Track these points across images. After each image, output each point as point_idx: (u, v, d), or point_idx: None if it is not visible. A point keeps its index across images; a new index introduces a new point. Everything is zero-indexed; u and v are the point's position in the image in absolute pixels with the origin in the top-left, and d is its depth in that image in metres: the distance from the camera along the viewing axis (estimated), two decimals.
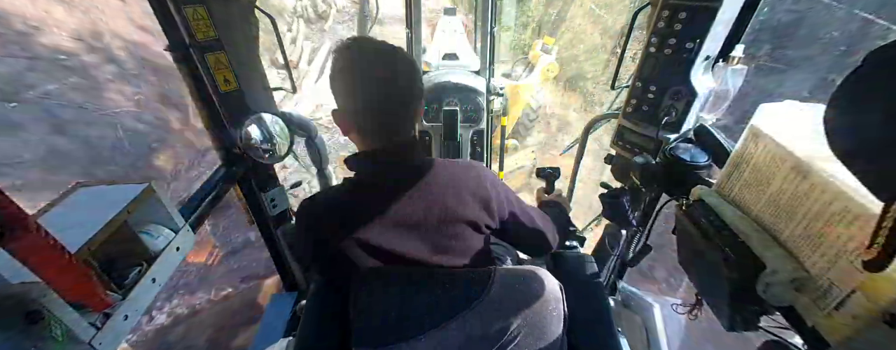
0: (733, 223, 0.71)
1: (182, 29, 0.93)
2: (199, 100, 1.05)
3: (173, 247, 0.82)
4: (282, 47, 1.22)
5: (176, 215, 0.85)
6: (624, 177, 1.28)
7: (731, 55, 0.95)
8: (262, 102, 1.17)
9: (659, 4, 0.94)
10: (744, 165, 0.73)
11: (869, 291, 0.49)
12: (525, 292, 0.62)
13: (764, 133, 0.68)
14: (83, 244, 0.62)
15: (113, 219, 0.68)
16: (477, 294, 0.61)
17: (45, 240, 0.49)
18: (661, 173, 0.99)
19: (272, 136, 1.19)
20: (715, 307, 0.78)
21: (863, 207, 0.50)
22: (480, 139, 1.90)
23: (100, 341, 0.60)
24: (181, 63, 0.98)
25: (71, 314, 0.55)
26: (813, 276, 0.58)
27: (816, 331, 0.58)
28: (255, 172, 1.26)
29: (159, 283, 0.76)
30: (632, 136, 1.14)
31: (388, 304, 0.62)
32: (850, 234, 0.52)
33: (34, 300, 0.50)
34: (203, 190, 1.04)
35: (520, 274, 0.65)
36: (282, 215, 1.41)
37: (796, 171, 0.60)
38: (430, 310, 0.61)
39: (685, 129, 1.02)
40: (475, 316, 0.61)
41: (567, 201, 1.24)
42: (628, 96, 1.10)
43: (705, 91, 0.96)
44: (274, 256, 1.49)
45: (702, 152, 0.96)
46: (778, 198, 0.64)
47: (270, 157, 1.20)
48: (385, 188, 0.73)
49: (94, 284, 0.59)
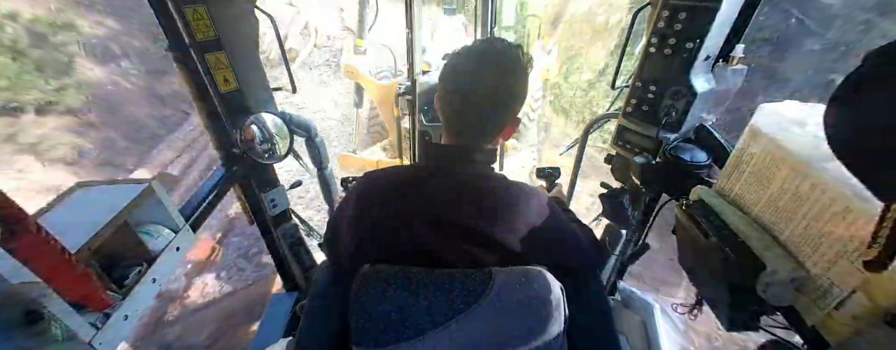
0: (733, 223, 0.71)
1: (182, 29, 0.93)
2: (199, 100, 1.05)
3: (173, 247, 0.82)
4: (282, 47, 1.22)
5: (176, 215, 0.85)
6: (624, 177, 1.28)
7: (731, 55, 0.95)
8: (262, 102, 1.17)
9: (659, 4, 0.94)
10: (744, 165, 0.73)
11: (869, 291, 0.49)
12: (526, 292, 0.62)
13: (764, 133, 0.68)
14: (83, 244, 0.62)
15: (113, 219, 0.68)
16: (477, 294, 0.61)
17: (45, 240, 0.49)
18: (661, 173, 0.99)
19: (272, 136, 1.19)
20: (715, 307, 0.78)
21: (863, 207, 0.50)
22: None
23: (100, 341, 0.60)
24: (181, 63, 0.98)
25: (71, 314, 0.55)
26: (813, 276, 0.58)
27: (816, 331, 0.59)
28: (255, 172, 1.26)
29: (159, 283, 0.77)
30: (632, 136, 1.14)
31: (389, 304, 0.62)
32: (850, 234, 0.52)
33: (34, 300, 0.50)
34: (203, 190, 1.04)
35: (520, 274, 0.65)
36: (282, 215, 1.41)
37: (796, 171, 0.60)
38: (431, 310, 0.61)
39: (685, 129, 1.01)
40: (476, 316, 0.61)
41: (567, 201, 1.24)
42: (628, 96, 1.10)
43: (705, 91, 0.96)
44: (274, 256, 1.49)
45: (702, 152, 0.96)
46: (778, 198, 0.64)
47: (270, 157, 1.20)
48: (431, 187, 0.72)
49: (94, 284, 0.59)
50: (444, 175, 0.73)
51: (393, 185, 0.75)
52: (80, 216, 0.69)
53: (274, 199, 1.35)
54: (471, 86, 0.70)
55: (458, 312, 0.61)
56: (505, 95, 0.72)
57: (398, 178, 0.77)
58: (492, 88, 0.70)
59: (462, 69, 0.71)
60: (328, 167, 1.55)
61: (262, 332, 1.44)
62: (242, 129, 1.10)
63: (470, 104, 0.71)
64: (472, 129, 0.74)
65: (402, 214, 0.72)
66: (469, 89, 0.70)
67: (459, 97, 0.71)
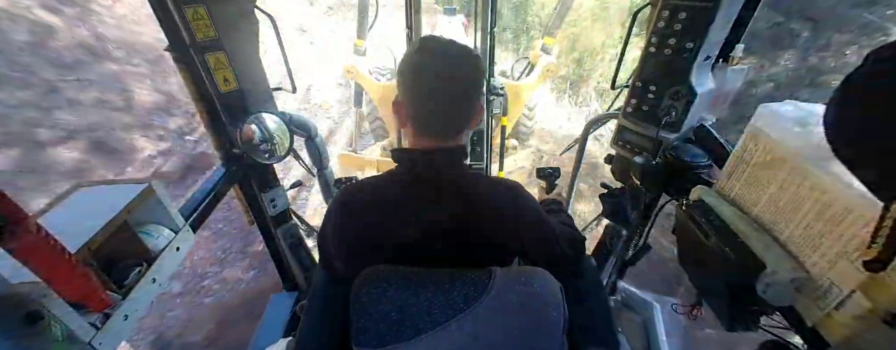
0: (733, 223, 0.71)
1: (182, 29, 0.93)
2: (198, 100, 1.05)
3: (173, 247, 0.82)
4: (282, 47, 1.22)
5: (176, 215, 0.85)
6: (624, 177, 1.28)
7: (731, 55, 0.95)
8: (262, 102, 1.17)
9: (659, 4, 0.94)
10: (744, 165, 0.73)
11: (869, 291, 0.49)
12: (526, 293, 0.62)
13: (764, 133, 0.68)
14: (83, 244, 0.62)
15: (113, 219, 0.68)
16: (478, 294, 0.61)
17: (45, 240, 0.49)
18: (661, 173, 0.99)
19: (272, 136, 1.19)
20: (715, 307, 0.78)
21: (863, 207, 0.50)
22: (480, 139, 1.90)
23: (100, 341, 0.60)
24: (181, 63, 0.98)
25: (71, 314, 0.55)
26: (813, 276, 0.58)
27: (816, 331, 0.59)
28: (255, 172, 1.26)
29: (159, 283, 0.76)
30: (632, 136, 1.14)
31: (389, 304, 0.62)
32: (850, 234, 0.52)
33: (34, 300, 0.50)
34: (203, 190, 1.04)
35: (520, 274, 0.65)
36: (282, 215, 1.41)
37: (796, 171, 0.60)
38: (431, 309, 0.61)
39: (685, 129, 1.02)
40: (476, 316, 0.61)
41: (566, 201, 1.24)
42: (628, 96, 1.10)
43: (705, 91, 0.96)
44: (274, 256, 1.49)
45: (702, 152, 0.96)
46: (778, 198, 0.64)
47: (270, 157, 1.20)
48: (415, 191, 0.72)
49: (94, 284, 0.59)
50: (427, 180, 0.72)
51: (373, 200, 0.75)
52: (80, 216, 0.69)
53: (274, 199, 1.35)
54: (438, 84, 0.69)
55: (459, 312, 0.61)
56: (470, 88, 0.72)
57: (378, 192, 0.76)
58: (459, 83, 0.70)
59: (426, 69, 0.69)
60: (328, 167, 1.55)
61: (262, 331, 1.44)
62: (242, 129, 1.10)
63: (440, 102, 0.70)
64: (446, 128, 0.73)
65: (386, 228, 0.72)
66: (437, 87, 0.69)
67: (429, 97, 0.70)
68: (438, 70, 0.69)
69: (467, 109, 0.73)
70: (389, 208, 0.73)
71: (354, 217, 0.76)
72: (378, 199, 0.75)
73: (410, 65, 0.70)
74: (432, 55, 0.69)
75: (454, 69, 0.69)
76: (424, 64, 0.69)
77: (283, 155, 1.24)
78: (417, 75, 0.70)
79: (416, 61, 0.70)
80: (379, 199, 0.74)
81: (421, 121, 0.73)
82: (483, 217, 0.71)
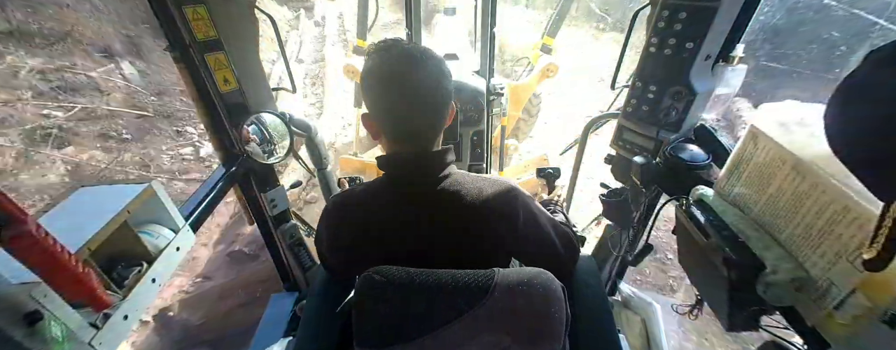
0: (733, 223, 0.71)
1: (182, 29, 0.93)
2: (199, 100, 1.05)
3: (173, 247, 0.82)
4: (282, 47, 1.22)
5: (176, 215, 0.85)
6: (624, 177, 1.28)
7: (731, 55, 0.95)
8: (262, 102, 1.17)
9: (659, 4, 0.94)
10: (744, 165, 0.73)
11: (869, 291, 0.49)
12: (527, 293, 0.62)
13: (764, 133, 0.68)
14: (83, 244, 0.62)
15: (113, 219, 0.68)
16: (479, 295, 0.61)
17: (45, 240, 0.49)
18: (662, 173, 0.99)
19: (272, 136, 1.19)
20: (715, 307, 0.78)
21: (863, 207, 0.50)
22: (480, 139, 1.90)
23: (100, 341, 0.60)
24: (181, 63, 0.98)
25: (71, 314, 0.55)
26: (813, 276, 0.58)
27: (816, 331, 0.58)
28: (255, 172, 1.26)
29: (159, 283, 0.76)
30: (632, 136, 1.14)
31: (391, 304, 0.62)
32: (850, 234, 0.52)
33: (34, 300, 0.50)
34: (203, 190, 1.04)
35: (522, 275, 0.65)
36: (282, 215, 1.41)
37: (796, 171, 0.60)
38: (433, 310, 0.61)
39: (685, 129, 1.02)
40: (478, 317, 0.61)
41: (566, 201, 1.24)
42: (628, 96, 1.10)
43: (705, 91, 0.96)
44: (274, 256, 1.49)
45: (702, 152, 0.96)
46: (778, 198, 0.64)
47: (270, 157, 1.20)
48: (406, 198, 0.72)
49: (94, 284, 0.59)
50: (417, 185, 0.72)
51: (365, 210, 0.74)
52: (80, 216, 0.69)
53: (274, 199, 1.35)
54: (410, 88, 0.68)
55: (460, 313, 0.61)
56: (443, 90, 0.71)
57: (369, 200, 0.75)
58: (432, 86, 0.69)
59: (396, 74, 0.67)
60: (328, 167, 1.55)
61: (262, 331, 1.44)
62: (242, 129, 1.10)
63: (416, 107, 0.69)
64: (426, 131, 0.72)
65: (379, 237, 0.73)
66: (410, 92, 0.68)
67: (403, 102, 0.68)
68: (401, 75, 0.67)
69: (440, 112, 0.72)
70: (381, 216, 0.73)
71: (347, 229, 0.76)
72: (369, 209, 0.74)
73: (371, 75, 0.68)
74: (391, 62, 0.68)
75: (417, 72, 0.68)
76: (385, 72, 0.68)
77: (283, 155, 1.24)
78: (381, 83, 0.68)
79: (376, 71, 0.68)
80: (370, 209, 0.74)
81: (395, 127, 0.71)
82: (478, 219, 0.71)
